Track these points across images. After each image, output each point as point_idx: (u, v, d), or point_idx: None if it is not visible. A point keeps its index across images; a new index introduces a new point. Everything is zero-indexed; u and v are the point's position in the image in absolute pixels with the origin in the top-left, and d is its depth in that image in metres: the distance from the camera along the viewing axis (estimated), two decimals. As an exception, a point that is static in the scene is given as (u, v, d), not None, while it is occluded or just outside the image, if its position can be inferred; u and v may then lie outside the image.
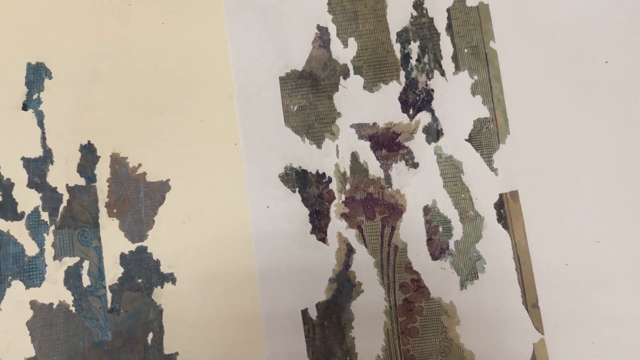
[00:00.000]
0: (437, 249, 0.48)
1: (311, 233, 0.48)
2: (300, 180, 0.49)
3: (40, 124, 0.48)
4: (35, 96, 0.48)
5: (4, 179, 0.47)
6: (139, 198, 0.48)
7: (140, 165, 0.48)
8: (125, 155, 0.48)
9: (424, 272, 0.47)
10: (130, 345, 0.45)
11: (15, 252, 0.46)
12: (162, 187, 0.48)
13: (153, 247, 0.47)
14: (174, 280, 0.46)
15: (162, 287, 0.46)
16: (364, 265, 0.47)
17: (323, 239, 0.48)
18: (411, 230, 0.48)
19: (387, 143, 0.49)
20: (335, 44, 0.50)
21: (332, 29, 0.51)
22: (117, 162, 0.48)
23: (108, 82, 0.49)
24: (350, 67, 0.50)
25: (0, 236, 0.46)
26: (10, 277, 0.45)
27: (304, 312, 0.46)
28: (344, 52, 0.50)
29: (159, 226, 0.47)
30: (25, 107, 0.48)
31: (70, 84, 0.49)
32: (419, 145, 0.49)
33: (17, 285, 0.45)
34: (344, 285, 0.47)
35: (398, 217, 0.48)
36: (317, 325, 0.46)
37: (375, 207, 0.49)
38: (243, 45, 0.50)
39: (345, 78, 0.50)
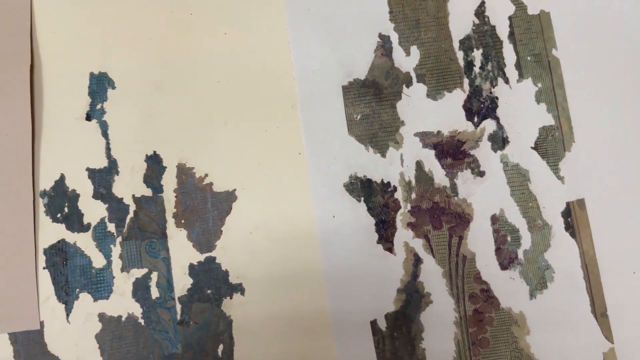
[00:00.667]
0: (506, 259, 0.46)
1: (378, 243, 0.46)
2: (365, 189, 0.47)
3: (105, 134, 0.46)
4: (98, 106, 0.47)
5: (69, 190, 0.45)
6: (206, 208, 0.46)
7: (206, 175, 0.46)
8: (191, 165, 0.46)
9: (493, 282, 0.45)
10: (201, 357, 0.43)
11: (82, 265, 0.44)
12: (229, 197, 0.46)
13: (221, 257, 0.45)
14: (242, 291, 0.44)
15: (231, 298, 0.44)
16: (432, 275, 0.45)
17: (390, 249, 0.46)
18: (479, 239, 0.46)
19: (452, 151, 0.47)
20: (398, 52, 0.49)
21: (394, 38, 0.49)
22: (184, 172, 0.46)
23: (171, 92, 0.47)
24: (413, 75, 0.48)
25: (67, 248, 0.44)
26: (78, 290, 0.44)
27: (373, 323, 0.44)
28: (407, 61, 0.48)
29: (227, 236, 0.45)
30: (89, 118, 0.46)
31: (133, 94, 0.47)
32: (484, 153, 0.47)
33: (85, 298, 0.43)
34: (412, 296, 0.45)
35: (465, 226, 0.46)
36: (386, 337, 0.44)
37: (442, 217, 0.46)
38: (305, 54, 0.49)
39: (408, 86, 0.48)
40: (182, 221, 0.45)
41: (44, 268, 0.44)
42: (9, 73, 0.47)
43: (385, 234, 0.46)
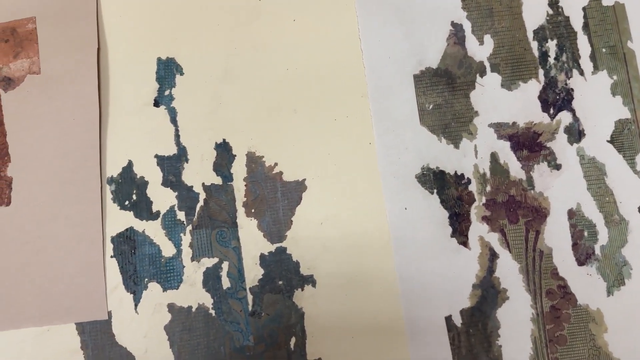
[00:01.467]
0: (583, 254, 0.42)
1: (451, 237, 0.42)
2: (438, 181, 0.43)
3: (174, 121, 0.43)
4: (167, 92, 0.44)
5: (137, 177, 0.42)
6: (276, 198, 0.42)
7: (276, 164, 0.43)
8: (260, 154, 0.43)
9: (570, 278, 0.42)
10: (273, 350, 0.40)
11: (151, 253, 0.41)
12: (299, 187, 0.43)
13: (292, 248, 0.42)
14: (314, 283, 0.41)
15: (302, 290, 0.41)
16: (509, 271, 0.42)
17: (464, 243, 0.42)
18: (556, 234, 0.42)
19: (528, 143, 0.44)
20: (471, 41, 0.45)
21: (467, 26, 0.45)
22: (253, 161, 0.43)
23: (240, 79, 0.44)
24: (487, 64, 0.45)
25: (136, 237, 0.41)
26: (146, 279, 0.41)
27: (448, 319, 0.41)
28: (480, 50, 0.45)
29: (297, 227, 0.42)
30: (157, 104, 0.43)
31: (202, 80, 0.44)
32: (560, 146, 0.44)
33: (154, 288, 0.40)
34: (488, 292, 0.42)
35: (542, 220, 0.43)
36: (462, 333, 0.41)
37: (518, 210, 0.43)
38: (376, 42, 0.45)
39: (482, 76, 0.45)
40: (252, 210, 0.42)
41: (111, 256, 0.41)
42: (77, 57, 0.44)
43: (459, 228, 0.43)
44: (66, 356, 0.39)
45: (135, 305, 0.40)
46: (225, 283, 0.41)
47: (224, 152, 0.43)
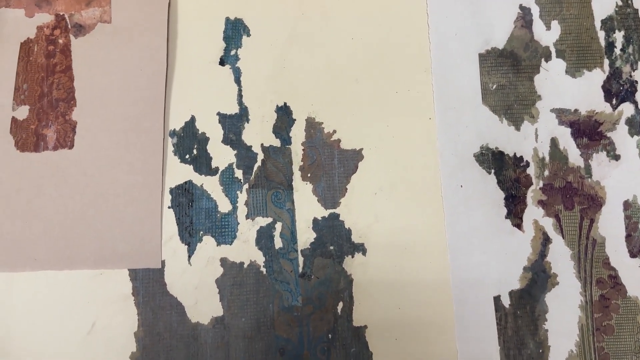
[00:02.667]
0: (636, 246, 0.39)
1: (506, 218, 0.40)
2: (496, 161, 0.40)
3: (237, 81, 0.41)
4: (233, 52, 0.41)
5: (199, 132, 0.40)
6: (332, 165, 0.40)
7: (335, 131, 0.41)
8: (320, 120, 0.41)
9: (622, 269, 0.39)
10: (320, 313, 0.38)
11: (208, 207, 0.39)
12: (356, 156, 0.40)
13: (345, 215, 0.39)
14: (364, 251, 0.39)
15: (352, 257, 0.39)
16: (561, 256, 0.39)
17: (519, 225, 0.40)
18: (610, 224, 0.40)
19: (589, 132, 0.41)
20: (538, 26, 0.42)
21: (535, 10, 0.42)
22: (313, 126, 0.41)
23: (306, 45, 0.42)
24: (553, 50, 0.42)
25: (194, 190, 0.39)
26: (201, 232, 0.38)
27: (497, 299, 0.39)
28: (547, 35, 0.42)
29: (351, 195, 0.40)
30: (222, 63, 0.41)
31: (268, 43, 0.42)
32: (621, 136, 0.41)
33: (208, 241, 0.38)
34: (539, 275, 0.39)
35: (597, 209, 0.40)
36: (509, 314, 0.39)
37: (575, 197, 0.40)
38: (443, 18, 0.42)
39: (547, 61, 0.42)
40: (309, 175, 0.40)
41: (169, 207, 0.39)
42: (148, 10, 0.40)
43: (514, 210, 0.40)
44: (117, 300, 0.37)
45: (189, 257, 0.38)
46: (278, 243, 0.40)
47: (284, 115, 0.42)
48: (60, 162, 0.38)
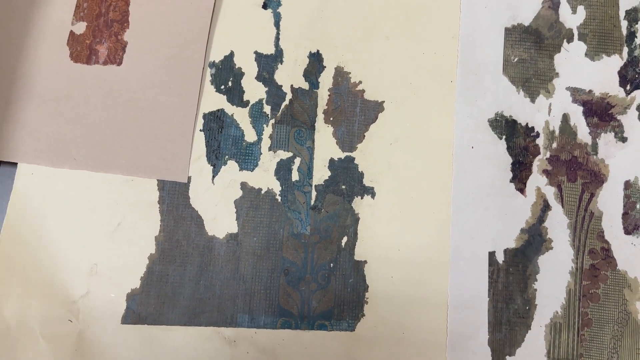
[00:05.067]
0: (631, 224, 0.40)
1: (510, 182, 0.41)
2: (508, 128, 0.42)
3: (277, 25, 0.43)
4: None
5: (236, 67, 0.42)
6: (354, 112, 0.42)
7: (360, 82, 0.42)
8: (348, 70, 0.42)
9: (615, 244, 0.40)
10: (325, 243, 0.39)
11: (235, 135, 0.41)
12: (377, 107, 0.42)
13: (360, 159, 0.41)
14: (373, 194, 0.40)
15: (361, 198, 0.40)
16: (558, 223, 0.40)
17: (521, 190, 0.41)
18: (609, 200, 0.41)
19: (600, 112, 0.42)
20: (564, 8, 0.43)
21: None
22: (341, 75, 0.42)
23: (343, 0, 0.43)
24: (575, 32, 0.43)
25: (225, 118, 0.41)
26: (227, 157, 0.40)
27: (492, 255, 0.40)
28: (572, 18, 0.43)
29: (368, 142, 0.41)
30: (265, 6, 0.43)
31: None
32: (630, 121, 0.42)
33: (232, 165, 0.40)
34: (534, 238, 0.40)
35: (598, 185, 0.41)
36: (502, 270, 0.40)
37: (578, 171, 0.41)
38: None
39: (568, 42, 0.43)
40: (331, 119, 0.41)
41: (200, 130, 0.41)
42: None
43: (519, 175, 0.41)
44: (144, 206, 0.39)
45: (213, 177, 0.40)
46: (295, 176, 0.42)
47: (315, 61, 0.44)
48: (107, 77, 0.41)
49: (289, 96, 0.42)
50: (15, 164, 0.39)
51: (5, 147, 0.39)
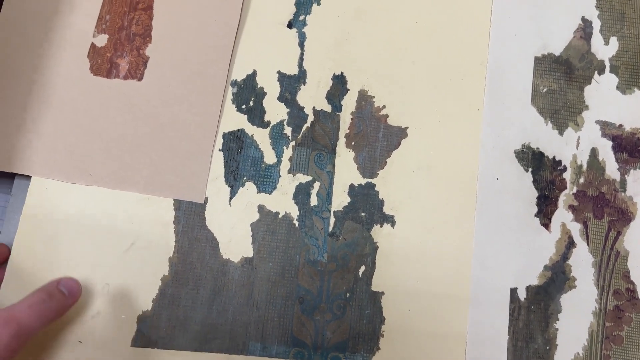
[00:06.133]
0: None
1: (535, 216, 0.39)
2: (535, 161, 0.40)
3: (301, 45, 0.41)
4: (301, 17, 0.42)
5: (258, 86, 0.41)
6: (377, 137, 0.40)
7: (384, 106, 0.41)
8: (372, 94, 0.41)
9: None
10: (342, 272, 0.38)
11: (254, 157, 0.39)
12: (400, 133, 0.40)
13: (380, 186, 0.40)
14: (393, 223, 0.39)
15: (381, 226, 0.39)
16: (582, 262, 0.39)
17: (546, 225, 0.39)
18: (636, 240, 0.39)
19: (630, 148, 0.40)
20: (597, 39, 0.42)
21: (596, 24, 0.42)
22: (364, 98, 0.41)
23: (370, 21, 0.42)
24: (607, 64, 0.42)
25: (245, 138, 0.40)
26: (245, 178, 0.39)
27: (513, 291, 0.38)
28: (604, 49, 0.42)
29: (390, 168, 0.40)
30: (290, 25, 0.42)
31: (335, 14, 0.42)
32: None
33: (249, 187, 0.39)
34: (558, 276, 0.39)
35: (626, 223, 0.39)
36: (523, 307, 0.38)
37: (605, 208, 0.40)
38: (506, 16, 0.42)
39: (600, 74, 0.42)
40: (352, 143, 0.40)
41: (219, 150, 0.39)
42: None
43: (545, 210, 0.39)
44: (159, 225, 0.38)
45: (230, 198, 0.39)
46: (313, 201, 0.40)
47: (339, 84, 0.43)
48: (127, 91, 0.39)
49: (310, 118, 0.41)
50: (29, 177, 0.38)
51: (19, 158, 0.38)
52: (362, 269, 0.39)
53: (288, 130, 0.40)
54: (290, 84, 0.41)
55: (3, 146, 0.38)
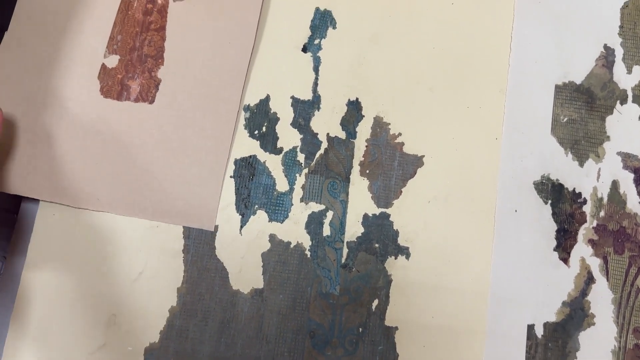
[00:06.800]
0: None
1: (554, 250, 0.38)
2: (555, 193, 0.39)
3: (316, 69, 0.40)
4: (316, 41, 0.41)
5: (271, 112, 0.40)
6: (392, 166, 0.39)
7: (400, 134, 0.40)
8: (388, 121, 0.40)
9: None
10: (355, 305, 0.37)
11: (266, 184, 0.38)
12: (416, 162, 0.39)
13: (395, 216, 0.38)
14: (408, 255, 0.38)
15: (395, 258, 0.38)
16: (602, 298, 0.37)
17: (565, 260, 0.38)
18: None
19: None
20: (619, 68, 0.41)
21: (619, 52, 0.41)
22: (379, 125, 0.40)
23: (386, 46, 0.41)
24: (630, 94, 0.40)
25: (257, 165, 0.39)
26: (256, 206, 0.38)
27: (530, 327, 0.37)
28: (626, 78, 0.40)
29: (405, 198, 0.39)
30: (305, 50, 0.41)
31: (351, 38, 0.41)
32: None
33: (261, 216, 0.38)
34: (576, 313, 0.37)
35: None
36: (540, 345, 0.37)
37: (626, 243, 0.38)
38: (527, 43, 0.41)
39: (622, 104, 0.40)
40: (367, 171, 0.39)
41: (230, 177, 0.38)
42: None
43: (564, 244, 0.38)
44: (167, 254, 0.36)
45: (241, 227, 0.37)
46: (326, 231, 0.39)
47: (354, 110, 0.41)
48: (138, 114, 0.38)
49: (324, 145, 0.39)
50: (37, 201, 0.37)
51: (26, 182, 0.37)
52: (376, 302, 0.37)
53: (301, 157, 0.39)
54: (304, 110, 0.40)
55: (11, 169, 0.37)
